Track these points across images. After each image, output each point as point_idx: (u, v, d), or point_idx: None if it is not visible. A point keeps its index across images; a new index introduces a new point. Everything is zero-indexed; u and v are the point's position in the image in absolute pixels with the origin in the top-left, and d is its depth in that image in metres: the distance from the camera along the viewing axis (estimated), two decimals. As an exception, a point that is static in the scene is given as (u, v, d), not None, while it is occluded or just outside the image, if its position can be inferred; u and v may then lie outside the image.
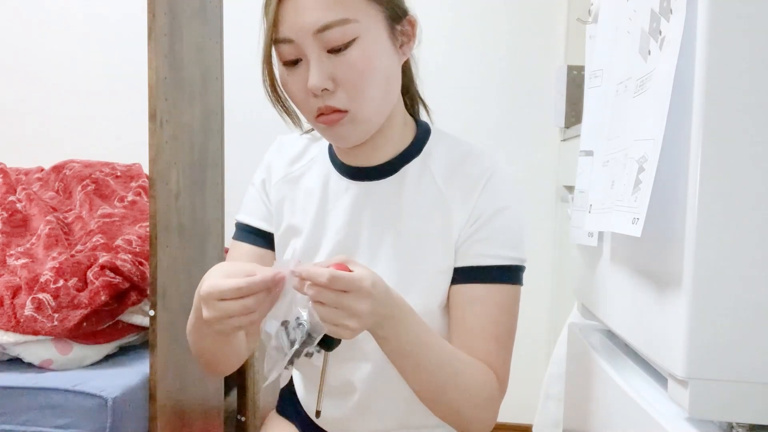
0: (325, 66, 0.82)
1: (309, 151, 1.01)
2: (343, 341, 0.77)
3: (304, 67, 0.83)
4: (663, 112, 0.60)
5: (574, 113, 2.15)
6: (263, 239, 1.00)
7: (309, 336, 0.73)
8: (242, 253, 1.00)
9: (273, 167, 1.01)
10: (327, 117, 0.84)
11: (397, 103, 0.93)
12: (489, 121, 2.29)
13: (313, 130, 1.02)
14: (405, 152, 0.94)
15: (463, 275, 0.90)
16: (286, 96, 0.89)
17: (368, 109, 0.85)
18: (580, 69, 2.12)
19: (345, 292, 0.71)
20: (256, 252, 0.99)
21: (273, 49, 0.85)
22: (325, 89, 0.82)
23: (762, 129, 0.56)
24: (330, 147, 0.99)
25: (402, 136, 0.95)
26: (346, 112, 0.83)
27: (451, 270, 0.91)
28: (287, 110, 0.93)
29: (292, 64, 0.84)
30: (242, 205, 1.04)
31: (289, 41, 0.82)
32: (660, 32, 0.64)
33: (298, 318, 0.74)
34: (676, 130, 0.59)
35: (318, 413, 0.84)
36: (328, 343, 0.76)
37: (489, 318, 0.89)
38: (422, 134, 0.96)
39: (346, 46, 0.81)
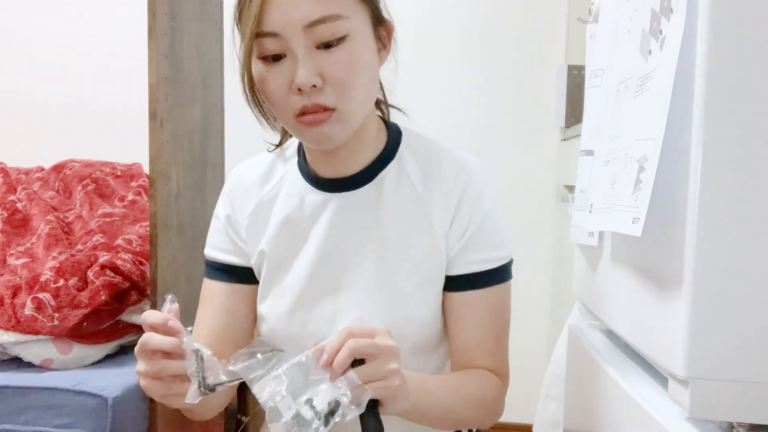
0: (316, 62, 0.79)
1: (276, 171, 0.96)
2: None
3: (288, 64, 0.79)
4: (663, 111, 0.60)
5: (574, 113, 2.15)
6: (234, 274, 0.96)
7: (347, 407, 0.68)
8: (215, 291, 0.96)
9: (238, 200, 0.96)
10: (313, 116, 0.80)
11: (371, 110, 0.91)
12: (489, 121, 2.28)
13: (276, 148, 0.99)
14: (380, 157, 0.92)
15: (458, 283, 0.91)
16: (264, 98, 0.84)
17: (354, 108, 0.82)
18: (581, 69, 2.12)
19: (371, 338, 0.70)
20: (228, 289, 0.96)
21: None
22: (314, 86, 0.79)
23: (762, 129, 0.56)
24: (300, 163, 0.95)
25: (376, 141, 0.93)
26: (333, 110, 0.80)
27: (440, 276, 0.91)
28: (265, 112, 0.89)
29: (272, 60, 0.80)
30: (208, 239, 0.99)
31: (273, 35, 0.78)
32: (660, 32, 0.64)
33: (320, 395, 0.70)
34: (677, 130, 0.59)
35: None
36: (372, 424, 0.71)
37: (487, 320, 0.91)
38: (394, 137, 0.94)
39: (337, 42, 0.79)
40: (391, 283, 0.90)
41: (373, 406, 0.70)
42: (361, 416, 0.70)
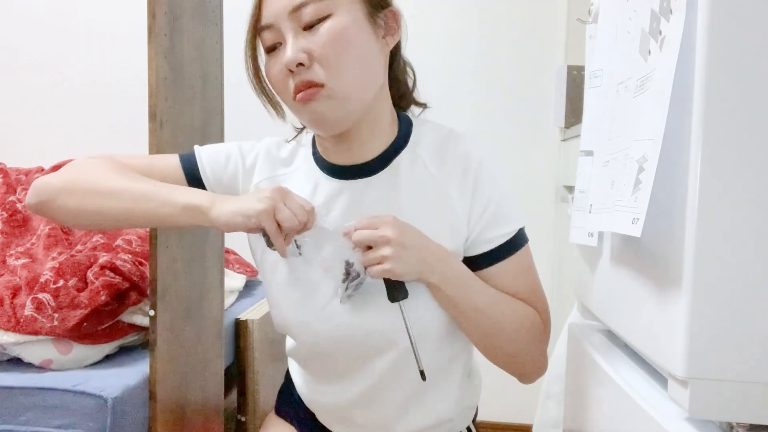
0: (300, 42, 0.84)
1: (296, 159, 1.00)
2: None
3: (283, 50, 0.85)
4: (663, 112, 0.60)
5: (574, 113, 2.15)
6: (193, 183, 0.98)
7: (358, 275, 0.88)
8: (169, 165, 0.98)
9: (259, 163, 1.00)
10: (305, 92, 0.85)
11: (384, 98, 0.94)
12: (489, 121, 2.29)
13: (293, 140, 1.02)
14: (394, 144, 0.95)
15: (483, 260, 0.93)
16: (271, 87, 0.91)
17: (345, 85, 0.85)
18: (580, 69, 2.12)
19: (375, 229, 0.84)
20: (178, 176, 0.97)
21: (257, 40, 0.89)
22: (300, 64, 0.84)
23: (762, 129, 0.56)
24: (315, 151, 0.98)
25: (390, 130, 0.95)
26: (322, 85, 0.84)
27: (458, 252, 0.93)
28: (271, 100, 0.94)
29: (273, 50, 0.88)
30: (210, 147, 1.01)
31: (269, 27, 0.86)
32: (660, 32, 0.64)
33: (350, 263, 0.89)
34: (676, 130, 0.59)
35: (422, 373, 0.88)
36: (392, 291, 0.87)
37: (517, 285, 0.94)
38: (406, 125, 0.97)
39: (320, 21, 0.84)
40: None
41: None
42: (386, 282, 0.87)
